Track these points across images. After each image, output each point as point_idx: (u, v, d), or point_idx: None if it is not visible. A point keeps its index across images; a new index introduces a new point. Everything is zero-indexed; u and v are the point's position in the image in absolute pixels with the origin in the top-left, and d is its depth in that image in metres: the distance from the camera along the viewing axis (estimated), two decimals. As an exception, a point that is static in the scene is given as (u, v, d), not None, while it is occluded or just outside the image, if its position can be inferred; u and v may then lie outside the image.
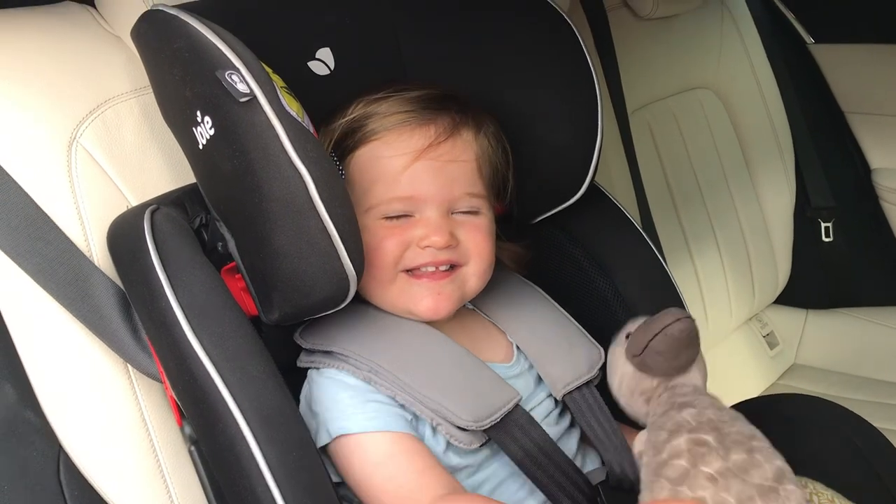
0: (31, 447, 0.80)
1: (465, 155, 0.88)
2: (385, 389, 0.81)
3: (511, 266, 1.00)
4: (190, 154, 0.82)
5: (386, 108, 0.88)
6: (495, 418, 0.82)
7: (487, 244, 0.89)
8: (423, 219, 0.85)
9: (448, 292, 0.86)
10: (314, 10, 0.98)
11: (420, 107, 0.88)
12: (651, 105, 1.72)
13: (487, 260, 0.89)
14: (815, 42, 1.86)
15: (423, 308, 0.86)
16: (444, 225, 0.85)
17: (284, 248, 0.74)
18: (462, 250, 0.87)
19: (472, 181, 0.88)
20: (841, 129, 1.90)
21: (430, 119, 0.87)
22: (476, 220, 0.88)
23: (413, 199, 0.85)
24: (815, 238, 1.89)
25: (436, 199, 0.85)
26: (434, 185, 0.85)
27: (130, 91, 0.89)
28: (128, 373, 0.83)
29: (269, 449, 0.71)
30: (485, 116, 0.92)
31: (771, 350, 1.90)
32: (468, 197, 0.87)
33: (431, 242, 0.84)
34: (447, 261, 0.86)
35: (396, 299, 0.86)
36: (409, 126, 0.86)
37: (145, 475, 0.82)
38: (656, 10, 1.64)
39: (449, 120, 0.87)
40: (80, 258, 0.81)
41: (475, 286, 0.89)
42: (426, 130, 0.86)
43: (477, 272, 0.88)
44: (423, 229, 0.85)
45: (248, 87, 0.72)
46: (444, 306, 0.86)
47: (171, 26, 0.78)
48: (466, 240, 0.87)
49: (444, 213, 0.86)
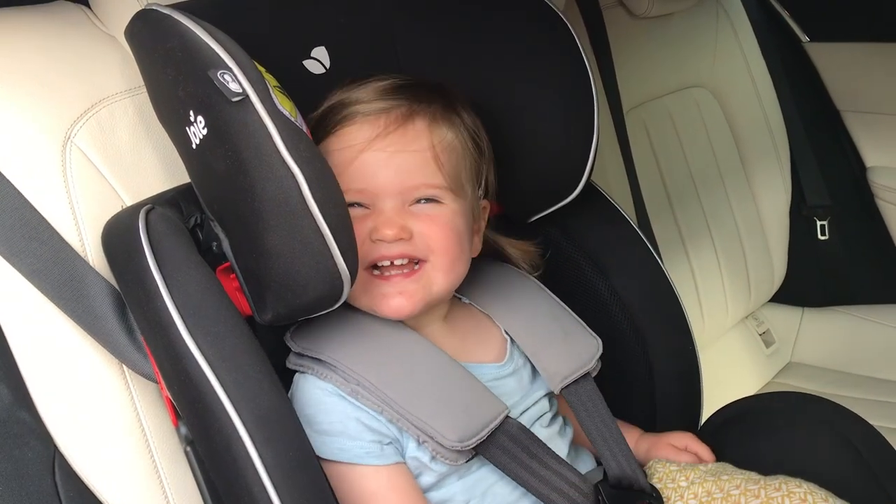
0: (26, 448, 0.80)
1: (417, 144, 0.85)
2: (371, 404, 0.81)
3: (523, 266, 1.00)
4: (184, 154, 0.81)
5: (346, 100, 0.87)
6: (482, 436, 0.81)
7: (447, 236, 0.85)
8: (376, 211, 0.84)
9: (411, 291, 0.84)
10: (309, 8, 0.98)
11: (377, 97, 0.87)
12: (647, 104, 1.72)
13: (450, 253, 0.86)
14: (810, 40, 1.86)
15: (385, 307, 0.85)
16: (396, 217, 0.84)
17: (278, 247, 0.74)
18: (419, 244, 0.84)
19: (428, 171, 0.85)
20: (836, 127, 1.90)
21: (383, 110, 0.86)
22: (434, 211, 0.86)
23: (364, 191, 0.84)
24: (811, 236, 1.89)
25: (388, 190, 0.84)
26: (383, 175, 0.84)
27: (125, 91, 0.89)
28: (123, 373, 0.82)
29: (265, 449, 0.71)
30: (455, 105, 0.90)
31: (767, 348, 1.90)
32: (425, 187, 0.85)
33: (381, 235, 0.83)
34: (401, 254, 0.84)
35: (361, 297, 0.85)
36: (360, 118, 0.86)
37: (141, 476, 0.82)
38: (652, 9, 1.64)
39: (403, 109, 0.86)
40: (75, 258, 0.81)
41: (442, 283, 0.86)
42: (376, 121, 0.85)
43: (441, 267, 0.85)
44: (374, 221, 0.84)
45: (240, 87, 0.72)
46: (406, 306, 0.84)
47: (164, 26, 0.77)
48: (422, 232, 0.84)
49: (399, 204, 0.85)
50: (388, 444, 0.82)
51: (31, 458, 0.80)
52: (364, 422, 0.81)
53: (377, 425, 0.82)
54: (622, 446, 0.90)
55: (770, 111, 1.87)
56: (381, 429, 0.82)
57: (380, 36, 1.02)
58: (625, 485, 0.89)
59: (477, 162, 0.92)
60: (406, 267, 0.85)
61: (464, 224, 0.88)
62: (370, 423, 0.82)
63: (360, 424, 0.81)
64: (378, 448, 0.81)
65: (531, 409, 0.90)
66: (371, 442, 0.81)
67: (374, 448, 0.81)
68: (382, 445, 0.82)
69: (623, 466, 0.89)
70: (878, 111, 1.83)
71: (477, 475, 0.85)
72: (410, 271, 0.85)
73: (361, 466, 0.80)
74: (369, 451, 0.81)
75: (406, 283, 0.84)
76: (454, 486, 0.84)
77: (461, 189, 0.88)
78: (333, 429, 0.81)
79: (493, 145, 0.95)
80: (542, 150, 0.98)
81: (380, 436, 0.82)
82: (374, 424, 0.82)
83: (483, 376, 0.87)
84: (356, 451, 0.80)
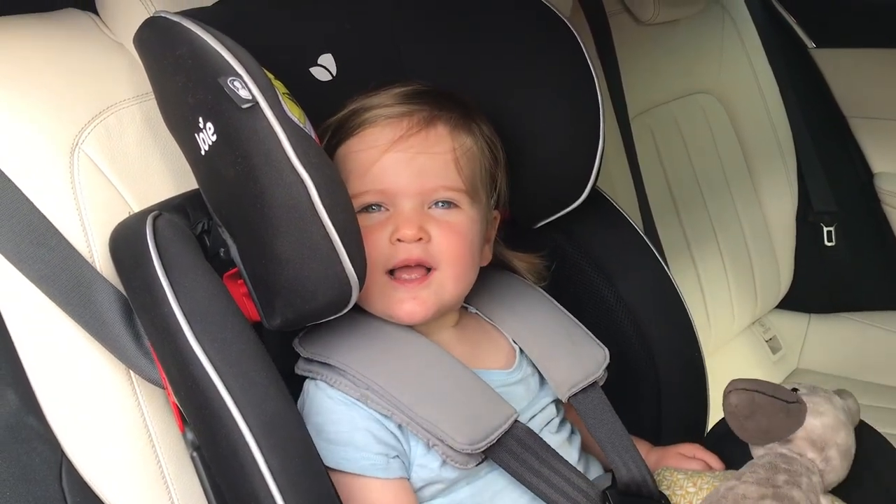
0: (34, 453, 0.80)
1: (439, 147, 0.87)
2: (381, 408, 0.81)
3: (529, 277, 1.00)
4: (192, 160, 0.82)
5: (367, 104, 0.88)
6: (492, 440, 0.81)
7: (460, 245, 0.86)
8: (396, 212, 0.85)
9: (424, 297, 0.85)
10: (316, 16, 0.98)
11: (398, 101, 0.88)
12: (653, 110, 1.72)
13: (461, 263, 0.87)
14: (816, 46, 1.86)
15: (399, 311, 0.85)
16: (415, 218, 0.84)
17: (286, 253, 0.74)
18: (434, 251, 0.85)
19: (447, 174, 0.86)
20: (842, 133, 1.90)
21: (405, 113, 0.87)
22: (452, 217, 0.86)
23: (385, 192, 0.85)
24: (818, 242, 1.89)
25: (408, 190, 0.85)
26: (404, 176, 0.85)
27: (133, 97, 0.89)
28: (130, 379, 0.83)
29: (271, 455, 0.71)
30: (472, 113, 0.91)
31: (774, 355, 1.90)
32: (443, 189, 0.86)
33: (402, 235, 0.84)
34: (419, 259, 0.84)
35: (377, 301, 0.86)
36: (383, 120, 0.87)
37: (147, 481, 0.82)
38: (657, 16, 1.64)
39: (425, 113, 0.87)
40: (83, 264, 0.81)
41: (452, 292, 0.87)
42: (399, 124, 0.86)
43: (452, 276, 0.86)
44: (394, 223, 0.84)
45: (250, 94, 0.72)
46: (419, 311, 0.85)
47: (173, 33, 0.78)
48: (438, 237, 0.85)
49: (418, 205, 0.85)
50: (395, 457, 0.82)
51: (38, 462, 0.80)
52: (373, 432, 0.81)
53: (385, 436, 0.82)
54: (632, 452, 0.90)
55: (776, 117, 1.87)
56: (389, 440, 0.82)
57: (385, 43, 1.02)
58: (633, 491, 0.89)
59: (493, 170, 0.93)
60: (416, 272, 0.85)
61: (477, 233, 0.90)
62: (379, 434, 0.81)
63: (368, 435, 0.81)
64: (384, 461, 0.81)
65: (539, 416, 0.90)
66: (377, 454, 0.81)
67: (380, 461, 0.81)
68: (388, 459, 0.81)
69: (633, 471, 0.89)
70: (884, 117, 1.83)
71: (486, 480, 0.85)
72: (422, 277, 0.86)
73: (366, 478, 0.80)
74: (375, 463, 0.81)
75: (419, 289, 0.85)
76: (462, 491, 0.84)
77: (477, 195, 0.89)
78: (341, 438, 0.81)
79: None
80: (548, 155, 0.98)
81: (387, 448, 0.82)
82: (382, 435, 0.82)
83: (492, 383, 0.87)
84: (362, 462, 0.80)
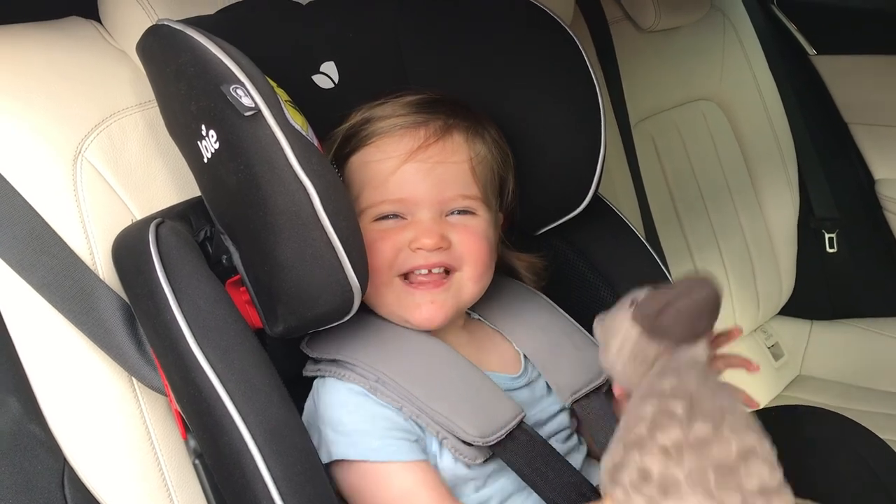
0: (36, 461, 0.80)
1: (457, 156, 0.87)
2: (391, 400, 0.81)
3: (528, 277, 1.00)
4: (195, 167, 0.82)
5: (379, 114, 0.88)
6: (501, 434, 0.81)
7: (481, 247, 0.87)
8: (414, 221, 0.85)
9: (441, 301, 0.85)
10: (318, 23, 0.99)
11: (412, 111, 0.88)
12: (654, 117, 1.72)
13: (482, 264, 0.88)
14: (817, 53, 1.86)
15: (417, 316, 0.85)
16: (436, 227, 0.85)
17: (289, 260, 0.74)
18: (455, 253, 0.86)
19: (465, 182, 0.87)
20: (844, 140, 1.90)
21: (420, 122, 0.87)
22: (470, 222, 0.87)
23: (404, 201, 0.85)
24: (819, 249, 1.89)
25: (427, 200, 0.85)
26: (424, 186, 0.85)
27: (135, 105, 0.89)
28: (132, 386, 0.83)
29: (273, 462, 0.71)
30: (482, 121, 0.92)
31: (776, 361, 1.89)
32: (461, 198, 0.87)
33: (422, 244, 0.84)
34: (439, 263, 0.85)
35: (392, 306, 0.86)
36: (399, 130, 0.87)
37: (150, 488, 0.82)
38: (658, 23, 1.64)
39: (440, 123, 0.87)
40: (85, 271, 0.81)
41: (471, 292, 0.88)
42: (416, 133, 0.86)
43: (472, 277, 0.87)
44: (414, 231, 0.85)
45: (252, 101, 0.72)
46: (438, 315, 0.85)
47: (176, 41, 0.78)
48: (459, 242, 0.86)
49: (436, 214, 0.86)
50: (415, 441, 0.82)
51: (40, 470, 0.80)
52: (389, 418, 0.81)
53: (402, 422, 0.81)
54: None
55: (777, 124, 1.87)
56: (406, 426, 0.81)
57: (387, 51, 1.02)
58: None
59: (503, 176, 0.94)
60: (433, 275, 0.85)
61: (494, 236, 0.91)
62: (395, 419, 0.81)
63: (386, 422, 0.81)
64: (406, 445, 0.81)
65: (550, 424, 0.90)
66: (399, 439, 0.80)
67: (403, 445, 0.80)
68: (410, 442, 0.81)
69: None
70: (885, 123, 1.83)
71: (495, 486, 0.85)
72: (440, 280, 0.86)
73: (391, 464, 0.80)
74: (399, 448, 0.80)
75: (436, 292, 0.85)
76: (472, 496, 0.84)
77: (489, 200, 0.90)
78: (360, 428, 0.80)
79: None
80: (550, 162, 0.98)
81: (406, 433, 0.81)
82: (398, 421, 0.81)
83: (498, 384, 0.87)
84: (386, 449, 0.80)
